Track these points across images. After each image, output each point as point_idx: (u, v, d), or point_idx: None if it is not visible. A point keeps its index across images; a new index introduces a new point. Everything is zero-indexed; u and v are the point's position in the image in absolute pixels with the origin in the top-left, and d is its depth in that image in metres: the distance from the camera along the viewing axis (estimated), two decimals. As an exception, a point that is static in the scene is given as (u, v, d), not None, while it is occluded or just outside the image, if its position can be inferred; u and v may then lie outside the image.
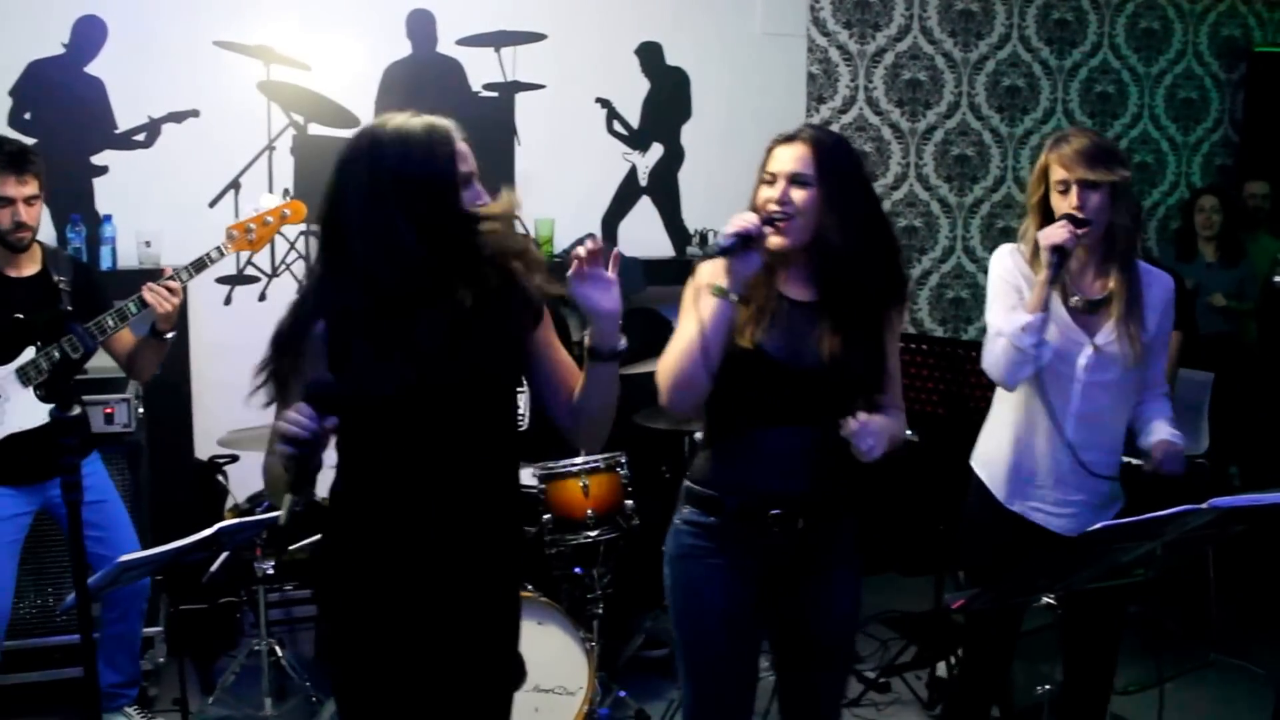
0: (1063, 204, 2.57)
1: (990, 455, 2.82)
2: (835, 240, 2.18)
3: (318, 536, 3.57)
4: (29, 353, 3.22)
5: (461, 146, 1.96)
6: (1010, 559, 2.67)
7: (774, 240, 2.17)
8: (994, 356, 2.64)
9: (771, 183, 2.21)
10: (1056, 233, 2.52)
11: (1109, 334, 2.61)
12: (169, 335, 3.24)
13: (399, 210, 1.87)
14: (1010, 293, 2.66)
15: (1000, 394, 2.80)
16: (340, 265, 1.93)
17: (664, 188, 5.23)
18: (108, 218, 4.26)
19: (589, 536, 3.63)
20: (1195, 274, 5.27)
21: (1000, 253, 2.75)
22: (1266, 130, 6.46)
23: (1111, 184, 2.53)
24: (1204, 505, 2.18)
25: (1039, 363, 2.57)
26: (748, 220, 2.13)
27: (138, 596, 3.52)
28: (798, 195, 2.18)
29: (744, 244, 2.11)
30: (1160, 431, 2.65)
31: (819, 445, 2.24)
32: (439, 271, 1.91)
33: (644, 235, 5.11)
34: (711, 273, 2.18)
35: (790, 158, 2.20)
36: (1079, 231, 2.53)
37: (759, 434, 2.22)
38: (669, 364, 2.19)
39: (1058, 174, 2.57)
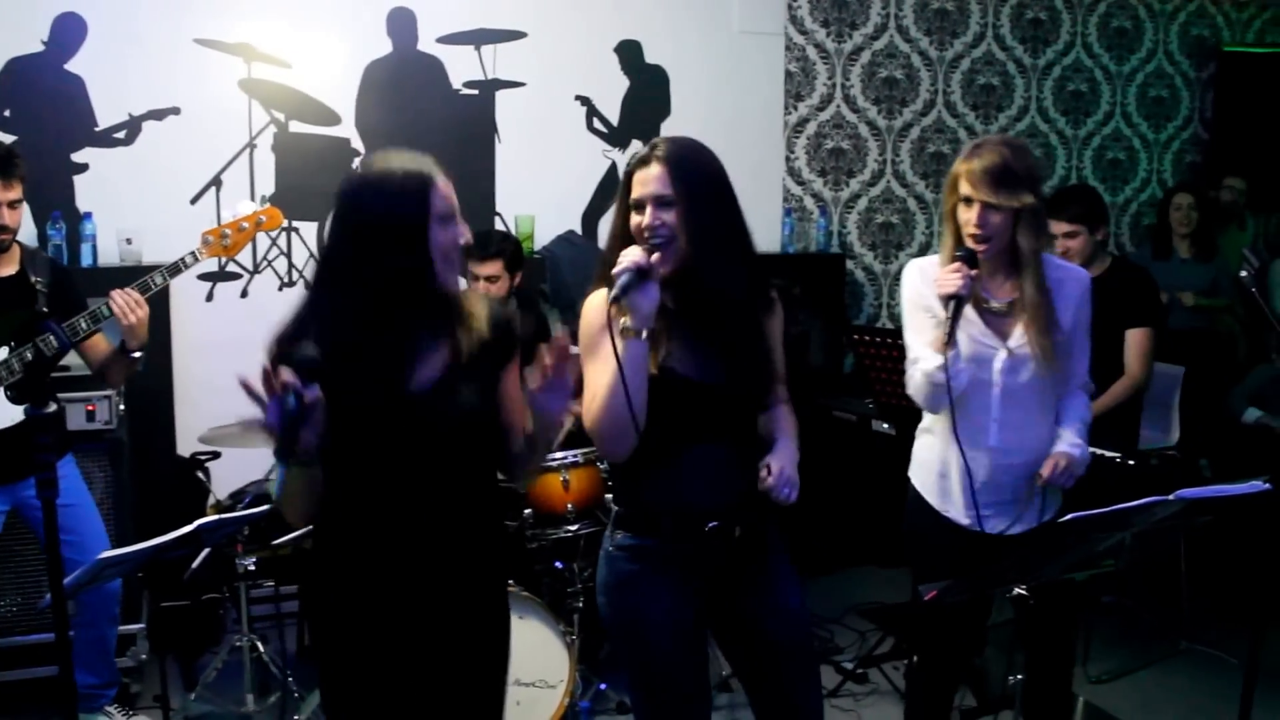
0: (964, 216, 2.58)
1: (922, 464, 2.85)
2: (696, 254, 2.17)
3: (299, 532, 3.62)
4: (1, 353, 3.20)
5: (440, 186, 1.99)
6: (951, 563, 2.69)
7: (661, 268, 2.15)
8: (914, 385, 2.69)
9: (641, 209, 2.18)
10: (950, 281, 2.53)
11: (1020, 337, 2.62)
12: (136, 354, 3.20)
13: (361, 256, 1.94)
14: (920, 314, 2.68)
15: None
16: (319, 304, 2.00)
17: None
18: (88, 215, 4.26)
19: (569, 531, 3.66)
20: (1170, 271, 5.34)
21: (909, 271, 2.76)
22: (1235, 128, 6.57)
23: (1013, 209, 2.54)
24: (1171, 496, 2.21)
25: (957, 392, 2.59)
26: (636, 255, 2.10)
27: (107, 602, 3.51)
28: (667, 217, 2.16)
29: (640, 278, 2.09)
30: (1060, 442, 2.66)
31: (739, 453, 2.26)
32: (402, 315, 1.96)
33: None
34: (597, 311, 2.18)
35: (651, 178, 2.17)
36: (972, 274, 2.55)
37: (685, 452, 2.21)
38: (598, 418, 2.15)
39: (963, 188, 2.57)
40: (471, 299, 2.11)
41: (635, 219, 2.19)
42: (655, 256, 2.13)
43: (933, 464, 2.79)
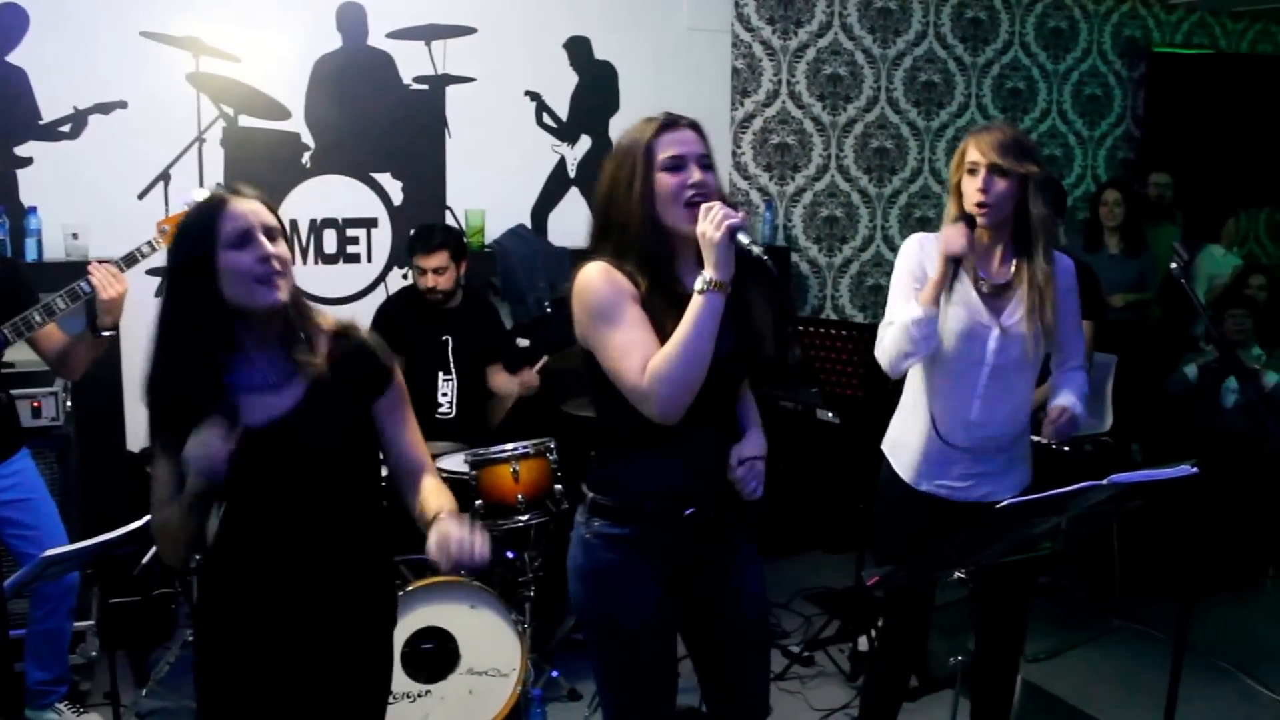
0: (970, 184, 2.65)
1: (899, 439, 2.90)
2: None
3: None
4: None
5: (232, 208, 1.96)
6: (923, 539, 2.74)
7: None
8: (883, 344, 2.72)
9: (682, 167, 2.13)
10: (953, 240, 2.60)
11: (1013, 314, 2.68)
12: (107, 333, 3.16)
13: (168, 297, 1.99)
14: (910, 283, 2.73)
15: (911, 380, 2.88)
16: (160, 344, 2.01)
17: (592, 179, 5.28)
18: (33, 209, 4.20)
19: (520, 521, 3.67)
20: (1100, 265, 5.46)
21: (909, 242, 2.81)
22: (1165, 125, 6.77)
23: (1019, 175, 2.61)
24: (1104, 481, 2.25)
25: (923, 355, 2.65)
26: (729, 212, 2.06)
27: (67, 593, 3.48)
28: (712, 180, 2.16)
29: (741, 233, 2.07)
30: (1063, 397, 2.75)
31: (722, 437, 2.27)
32: (207, 349, 1.95)
33: (572, 226, 5.16)
34: (607, 274, 2.13)
35: (690, 140, 2.16)
36: (979, 223, 2.62)
37: (687, 438, 2.17)
38: (674, 374, 2.05)
39: (971, 155, 2.65)
40: (335, 321, 2.11)
41: (677, 179, 2.12)
42: (743, 215, 2.09)
43: (912, 441, 2.84)
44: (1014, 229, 2.69)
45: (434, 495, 2.10)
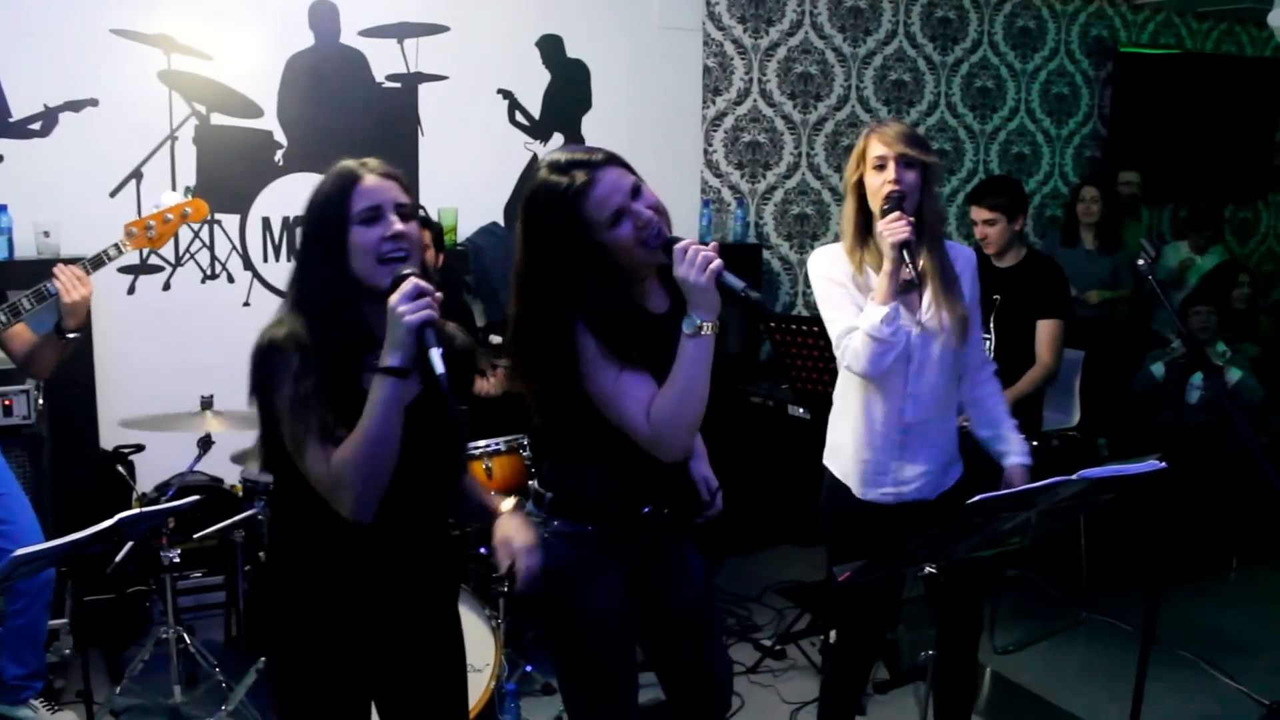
0: (878, 180, 2.66)
1: (838, 448, 2.91)
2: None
3: (227, 522, 3.64)
4: None
5: (365, 184, 1.97)
6: (873, 544, 2.69)
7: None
8: (854, 352, 2.69)
9: (623, 213, 2.08)
10: (899, 228, 2.59)
11: (928, 309, 2.70)
12: (73, 335, 3.11)
13: (304, 263, 2.01)
14: (839, 290, 2.75)
15: (841, 388, 2.89)
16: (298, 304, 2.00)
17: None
18: (3, 208, 4.17)
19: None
20: (1075, 260, 5.54)
21: (817, 256, 2.83)
22: (1131, 124, 6.85)
23: (924, 165, 2.65)
24: (1074, 476, 2.25)
25: (899, 348, 2.66)
26: (709, 255, 2.01)
27: (43, 588, 3.48)
28: (650, 197, 2.13)
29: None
30: (1012, 449, 2.84)
31: None
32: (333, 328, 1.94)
33: None
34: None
35: (618, 176, 2.10)
36: (910, 219, 2.61)
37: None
38: (677, 420, 2.07)
39: (876, 150, 2.67)
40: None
41: (625, 231, 2.08)
42: (713, 245, 2.05)
43: (850, 448, 2.84)
44: (918, 223, 2.68)
45: (480, 487, 2.25)
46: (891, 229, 2.61)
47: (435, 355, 1.82)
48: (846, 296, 2.74)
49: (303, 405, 1.89)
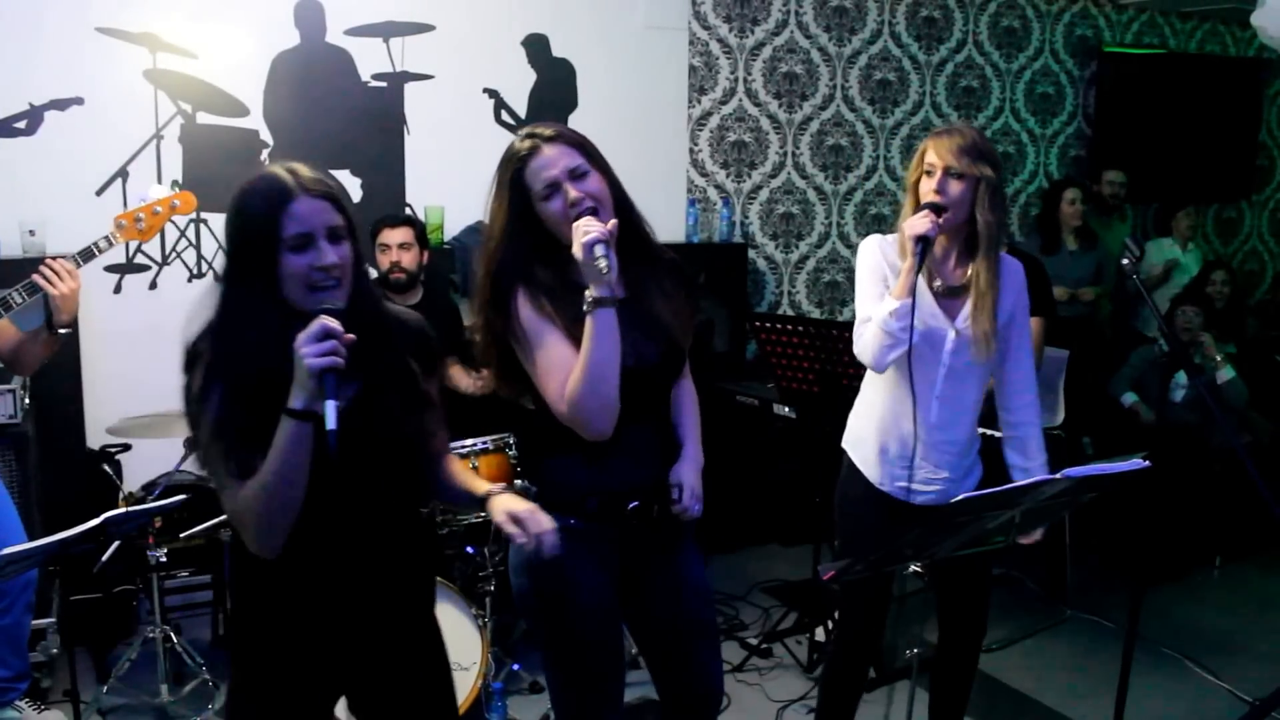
0: (926, 186, 2.68)
1: (860, 437, 2.93)
2: (628, 217, 2.23)
3: (214, 521, 3.63)
4: None
5: (296, 207, 1.85)
6: (884, 535, 2.77)
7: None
8: (864, 342, 2.72)
9: (557, 188, 2.17)
10: (919, 223, 2.61)
11: (968, 316, 2.72)
12: (64, 330, 3.08)
13: (227, 283, 1.90)
14: (877, 282, 2.76)
15: (869, 378, 2.91)
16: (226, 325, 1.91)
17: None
18: (-12, 207, 4.19)
19: (480, 516, 3.69)
20: (1060, 262, 5.56)
21: (868, 243, 2.84)
22: (1115, 124, 6.89)
23: (975, 178, 2.64)
24: (1058, 475, 2.26)
25: (904, 346, 2.65)
26: (599, 226, 2.08)
27: (24, 589, 3.45)
28: (592, 184, 2.17)
29: (607, 247, 2.08)
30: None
31: (659, 431, 2.32)
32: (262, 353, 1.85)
33: None
34: (533, 298, 2.16)
35: (560, 156, 2.18)
36: (939, 220, 2.62)
37: (617, 435, 2.19)
38: (582, 398, 2.09)
39: (929, 158, 2.69)
40: (390, 310, 2.08)
41: (568, 194, 2.15)
42: (613, 224, 2.11)
43: (872, 439, 2.86)
44: (968, 232, 2.72)
45: (470, 474, 2.21)
46: (911, 223, 2.62)
47: (330, 409, 1.76)
48: (880, 286, 2.74)
49: (217, 436, 1.85)
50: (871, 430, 2.87)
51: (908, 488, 2.81)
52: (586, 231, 2.06)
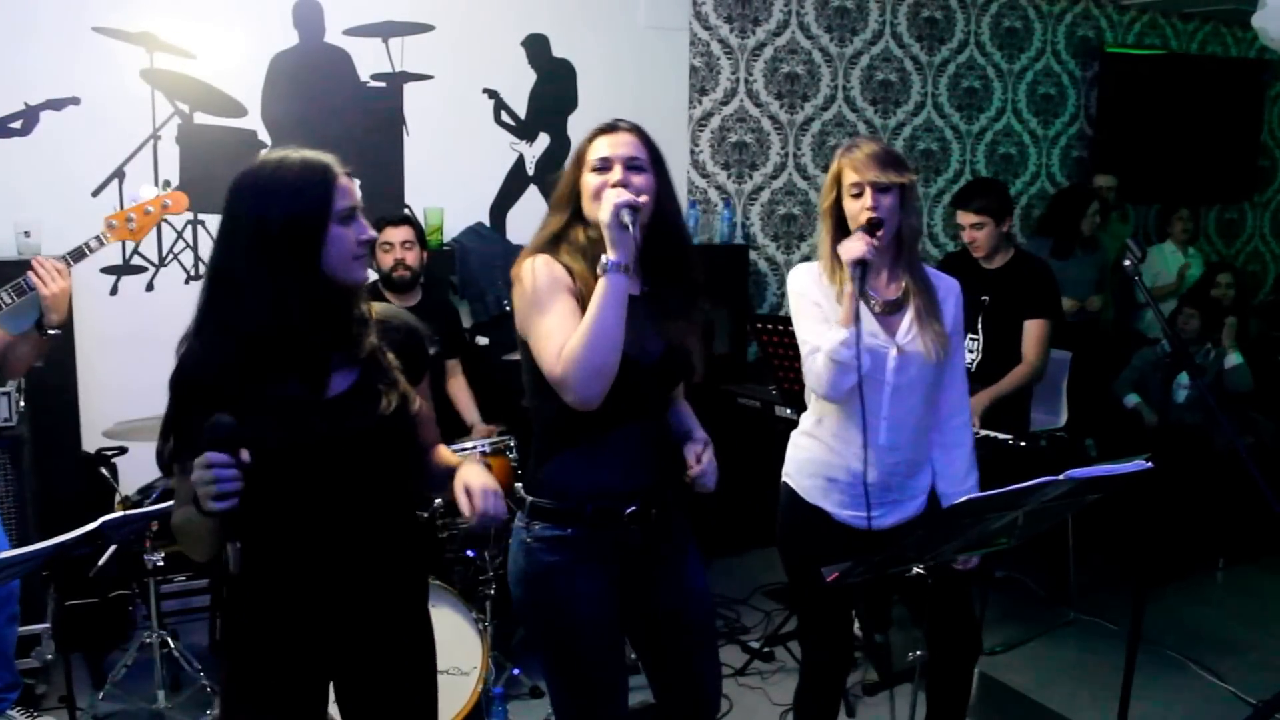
0: (856, 206, 2.61)
1: (803, 466, 2.84)
2: (670, 228, 2.27)
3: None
4: None
5: (342, 182, 1.92)
6: (831, 558, 2.59)
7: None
8: (816, 372, 2.62)
9: (607, 168, 2.22)
10: (856, 246, 2.54)
11: (908, 332, 2.65)
12: (54, 331, 3.05)
13: (260, 261, 1.86)
14: (812, 308, 2.69)
15: (815, 403, 2.83)
16: (218, 316, 1.92)
17: (552, 177, 5.30)
18: (-17, 207, 4.16)
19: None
20: (1067, 269, 5.51)
21: (798, 272, 2.77)
22: (1117, 125, 6.88)
23: (901, 186, 2.60)
24: (1061, 477, 2.23)
25: (857, 372, 2.57)
26: (623, 194, 2.12)
27: (7, 600, 3.40)
28: (639, 179, 2.21)
29: (634, 214, 2.10)
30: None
31: (655, 433, 2.29)
32: (305, 320, 1.89)
33: (531, 224, 5.01)
34: (547, 265, 2.19)
35: (622, 143, 2.23)
36: (875, 241, 2.56)
37: (613, 434, 2.20)
38: (580, 358, 2.07)
39: (850, 178, 2.62)
40: (380, 308, 2.09)
41: (600, 179, 2.21)
42: (644, 198, 2.17)
43: (817, 465, 2.78)
44: (896, 245, 2.66)
45: (452, 454, 2.21)
46: (848, 247, 2.56)
47: (231, 551, 1.92)
48: (820, 316, 2.67)
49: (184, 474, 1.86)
50: (818, 457, 2.79)
51: (860, 514, 2.69)
52: (617, 196, 2.11)
